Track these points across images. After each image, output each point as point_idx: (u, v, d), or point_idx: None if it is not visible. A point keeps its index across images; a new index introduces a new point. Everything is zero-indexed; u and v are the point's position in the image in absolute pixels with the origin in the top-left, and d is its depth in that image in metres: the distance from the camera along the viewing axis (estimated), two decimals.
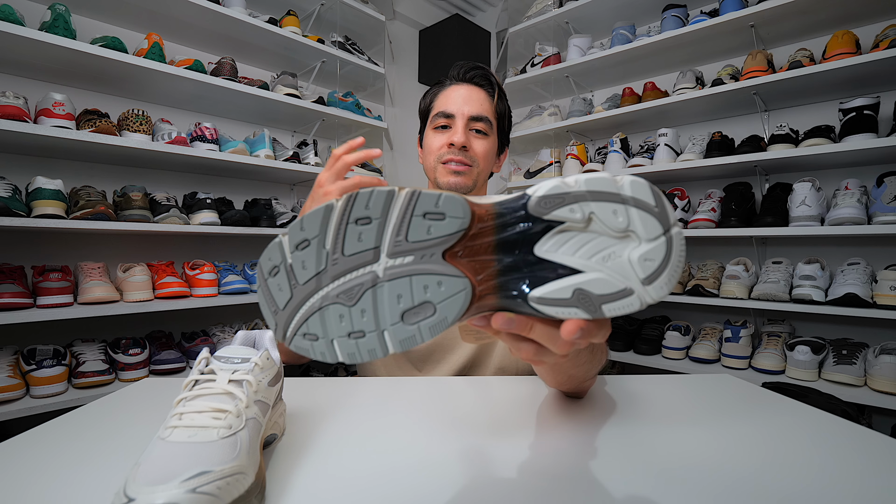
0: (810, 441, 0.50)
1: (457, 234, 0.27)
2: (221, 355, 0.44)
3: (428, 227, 0.27)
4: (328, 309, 0.28)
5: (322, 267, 0.28)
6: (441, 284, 0.27)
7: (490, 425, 0.54)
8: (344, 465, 0.44)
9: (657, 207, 0.26)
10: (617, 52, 1.93)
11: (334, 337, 0.28)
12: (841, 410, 1.24)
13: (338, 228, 0.27)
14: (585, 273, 0.27)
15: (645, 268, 0.26)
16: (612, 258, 0.27)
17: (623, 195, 0.26)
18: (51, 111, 1.31)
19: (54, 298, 1.31)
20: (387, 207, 0.27)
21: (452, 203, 0.27)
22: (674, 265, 0.26)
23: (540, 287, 0.27)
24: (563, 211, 0.27)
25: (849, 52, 1.45)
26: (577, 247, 0.27)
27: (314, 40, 1.95)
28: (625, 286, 0.26)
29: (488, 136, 0.81)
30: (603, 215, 0.26)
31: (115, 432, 0.51)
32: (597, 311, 0.26)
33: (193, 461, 0.32)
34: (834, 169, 1.66)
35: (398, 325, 0.27)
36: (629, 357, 1.84)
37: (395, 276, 0.27)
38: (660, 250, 0.26)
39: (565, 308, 0.27)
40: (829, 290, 1.47)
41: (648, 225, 0.26)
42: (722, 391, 0.68)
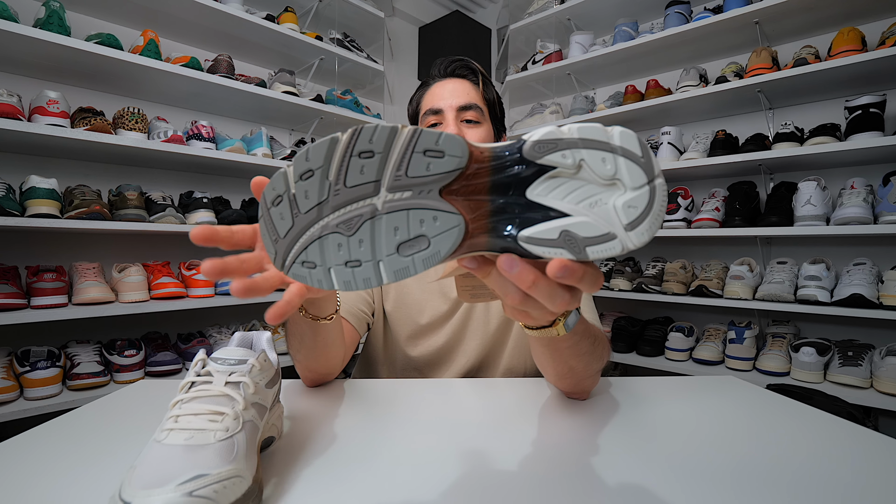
0: (816, 444, 0.50)
1: (454, 173, 0.29)
2: (218, 357, 0.44)
3: (427, 163, 0.28)
4: (327, 238, 0.29)
5: (324, 197, 0.29)
6: (436, 219, 0.29)
7: (492, 428, 0.54)
8: (343, 469, 0.44)
9: (643, 158, 0.28)
10: (619, 49, 1.93)
11: (332, 265, 0.29)
12: (847, 413, 1.24)
13: (341, 160, 0.29)
14: (573, 217, 0.28)
15: (628, 214, 0.28)
16: (598, 204, 0.28)
17: (612, 144, 0.28)
18: (45, 109, 1.31)
19: (48, 299, 1.31)
20: (389, 142, 0.28)
21: (452, 142, 0.28)
22: (655, 213, 0.28)
23: (529, 227, 0.29)
24: (555, 156, 0.28)
25: (855, 49, 1.45)
26: (567, 192, 0.29)
27: (312, 37, 1.95)
28: (608, 230, 0.28)
29: (481, 123, 0.81)
30: (592, 162, 0.28)
31: (111, 435, 0.51)
32: (581, 253, 0.28)
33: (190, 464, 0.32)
34: (840, 168, 1.66)
35: (394, 255, 0.29)
36: (632, 358, 1.84)
37: (394, 209, 0.29)
38: (643, 198, 0.28)
39: (552, 248, 0.28)
40: (835, 290, 1.47)
41: (634, 174, 0.28)
42: (726, 393, 0.68)
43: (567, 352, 0.51)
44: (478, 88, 0.83)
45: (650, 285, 1.86)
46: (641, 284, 1.87)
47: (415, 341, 0.82)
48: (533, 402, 0.62)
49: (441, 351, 0.81)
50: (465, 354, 0.80)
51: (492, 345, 0.81)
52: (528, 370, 0.81)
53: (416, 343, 0.82)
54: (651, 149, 0.29)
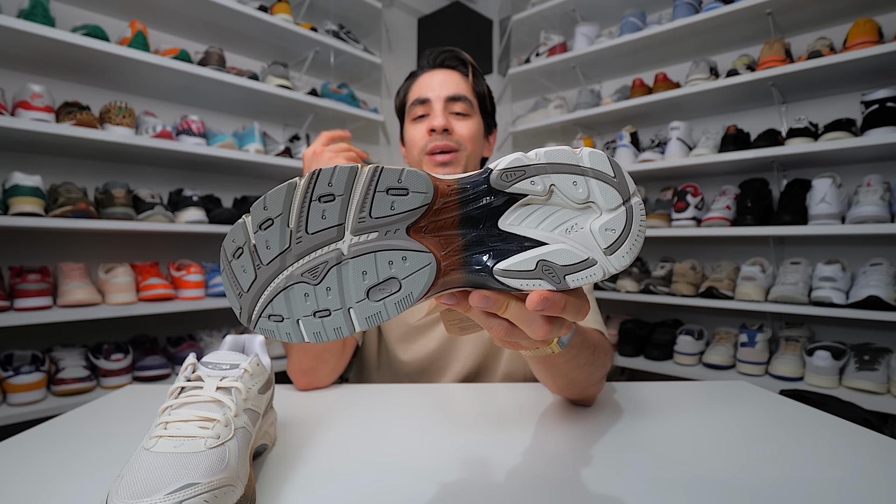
0: (831, 452, 0.50)
1: (420, 210, 0.29)
2: (209, 361, 0.44)
3: (391, 202, 0.28)
4: (293, 288, 0.29)
5: (286, 246, 0.29)
6: (406, 260, 0.28)
7: (491, 434, 0.54)
8: (338, 477, 0.44)
9: (616, 178, 0.28)
10: (626, 40, 1.93)
11: (300, 317, 0.29)
12: (863, 419, 1.24)
13: (301, 206, 0.28)
14: (549, 245, 0.28)
15: (606, 238, 0.28)
16: (574, 229, 0.28)
17: (582, 166, 0.28)
18: (29, 103, 1.31)
19: (32, 301, 1.30)
20: (350, 184, 0.28)
21: (415, 178, 0.28)
22: (634, 234, 0.28)
23: (504, 260, 0.29)
24: (524, 184, 0.28)
25: (871, 40, 1.45)
26: (540, 219, 0.29)
27: (307, 28, 1.95)
28: (587, 256, 0.28)
29: (470, 116, 0.81)
30: (563, 187, 0.28)
31: (97, 442, 0.51)
32: (561, 282, 0.28)
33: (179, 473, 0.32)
34: (855, 164, 1.66)
35: (364, 301, 0.29)
36: (639, 363, 1.84)
37: (360, 252, 0.29)
38: (620, 220, 0.28)
39: (530, 280, 0.28)
40: (851, 292, 1.47)
41: (608, 195, 0.28)
42: (737, 399, 0.68)
43: (565, 366, 0.51)
44: (468, 80, 0.83)
45: (658, 286, 1.86)
46: (649, 286, 1.87)
47: (406, 344, 0.82)
48: (533, 408, 0.62)
49: (434, 356, 0.80)
50: (459, 360, 0.80)
51: (488, 350, 0.80)
52: (527, 376, 0.81)
53: (408, 346, 0.81)
54: (621, 166, 0.30)
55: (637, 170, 1.92)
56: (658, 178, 2.09)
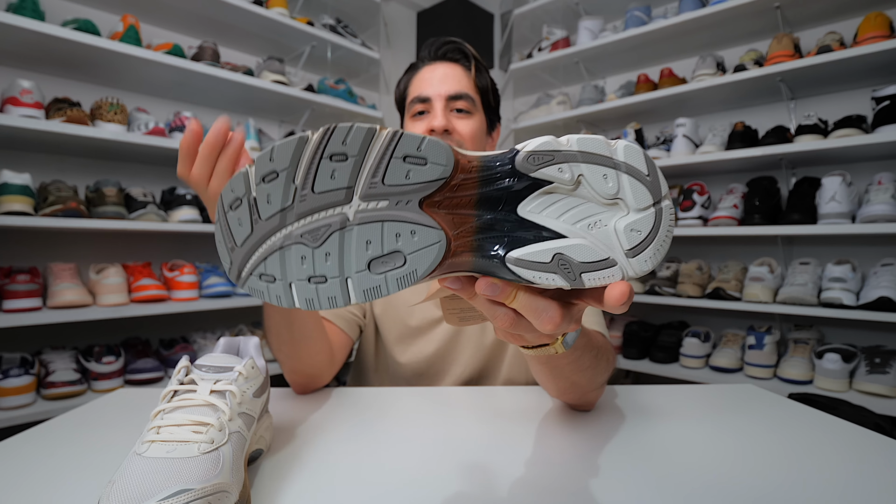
0: (841, 457, 0.50)
1: (437, 182, 0.27)
2: (202, 364, 0.44)
3: (407, 171, 0.27)
4: (290, 249, 0.28)
5: (288, 203, 0.28)
6: (414, 234, 0.27)
7: (490, 439, 0.54)
8: (334, 483, 0.44)
9: (650, 177, 0.27)
10: (631, 35, 1.93)
11: (293, 280, 0.28)
12: (874, 423, 1.24)
13: (310, 163, 0.27)
14: (568, 238, 0.27)
15: (630, 238, 0.27)
16: (597, 226, 0.27)
17: (616, 160, 0.27)
18: (18, 99, 1.31)
19: (21, 302, 1.30)
20: (365, 146, 0.27)
21: (436, 148, 0.27)
22: (661, 239, 0.27)
23: (519, 249, 0.28)
24: (551, 169, 0.27)
25: (882, 35, 1.45)
26: (563, 210, 0.28)
27: (303, 23, 1.95)
28: (607, 255, 0.27)
29: (472, 114, 0.80)
30: (592, 179, 0.27)
31: (88, 447, 0.51)
32: (576, 280, 0.27)
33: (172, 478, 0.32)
34: (866, 162, 1.66)
35: (364, 273, 0.28)
36: (644, 366, 1.84)
37: (367, 220, 0.27)
38: (647, 222, 0.27)
39: (544, 273, 0.27)
40: (861, 293, 1.47)
41: (639, 194, 0.27)
42: (744, 403, 0.68)
43: (567, 368, 0.51)
44: (470, 75, 0.82)
45: (664, 287, 1.86)
46: (654, 287, 1.87)
47: (403, 346, 0.81)
48: (535, 411, 0.62)
49: (432, 359, 0.80)
50: (458, 364, 0.79)
51: (489, 355, 0.80)
52: (529, 382, 0.80)
53: (405, 348, 0.81)
54: (658, 169, 0.28)
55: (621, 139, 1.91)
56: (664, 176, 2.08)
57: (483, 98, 0.83)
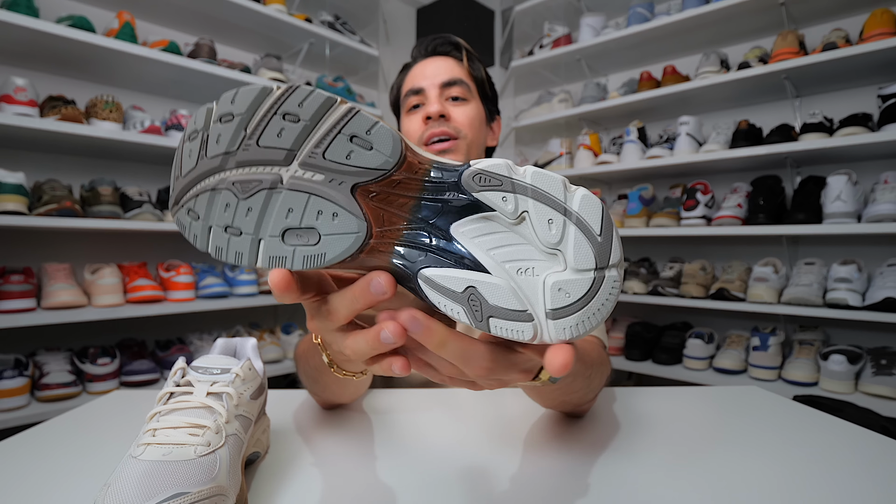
0: (846, 460, 0.50)
1: (376, 172, 0.27)
2: (199, 365, 0.44)
3: (349, 151, 0.27)
4: (220, 193, 0.28)
5: (233, 148, 0.28)
6: (336, 217, 0.27)
7: (493, 442, 0.54)
8: (333, 486, 0.44)
9: (601, 237, 0.24)
10: (634, 32, 1.93)
11: (213, 224, 0.28)
12: (880, 426, 1.24)
13: (264, 115, 0.27)
14: (490, 275, 0.25)
15: (556, 299, 0.25)
16: (527, 272, 0.25)
17: (568, 207, 0.25)
18: (11, 97, 1.31)
19: (15, 303, 1.30)
20: (319, 114, 0.27)
21: (385, 137, 0.26)
22: (591, 310, 0.24)
23: (435, 267, 0.26)
24: (495, 196, 0.26)
25: (888, 32, 1.45)
26: (496, 244, 0.26)
27: (301, 19, 1.95)
28: (526, 308, 0.25)
29: (468, 100, 0.80)
30: (537, 219, 0.25)
31: (83, 450, 0.51)
32: (482, 322, 0.25)
33: (168, 482, 0.32)
34: (872, 161, 1.66)
35: (276, 239, 0.27)
36: (647, 367, 1.84)
37: (297, 188, 0.27)
38: (581, 286, 0.24)
39: (450, 302, 0.25)
40: (867, 293, 1.47)
41: (581, 252, 0.24)
42: (749, 405, 0.68)
43: (556, 392, 0.50)
44: (463, 65, 0.82)
45: (667, 288, 1.86)
46: (657, 287, 1.87)
47: None
48: (537, 413, 0.62)
49: None
50: None
51: None
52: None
53: None
54: (616, 230, 0.25)
55: (645, 166, 1.92)
56: (667, 175, 2.09)
57: (479, 87, 0.83)
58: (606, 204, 0.27)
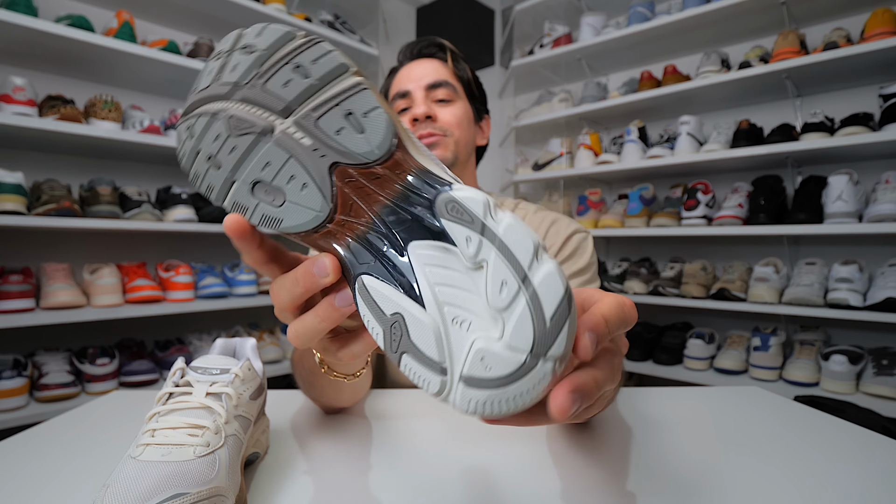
0: (847, 460, 0.50)
1: (360, 158, 0.25)
2: (198, 366, 0.44)
3: (340, 127, 0.25)
4: (216, 122, 0.28)
5: (244, 81, 0.27)
6: (304, 188, 0.26)
7: (494, 443, 0.54)
8: (332, 487, 0.44)
9: (550, 322, 0.21)
10: (634, 31, 1.93)
11: (200, 148, 0.28)
12: (881, 426, 1.24)
13: (279, 60, 0.26)
14: (424, 310, 0.23)
15: (475, 366, 0.22)
16: (462, 325, 0.23)
17: (528, 276, 0.22)
18: (10, 97, 1.31)
19: (14, 303, 1.30)
20: (328, 78, 0.26)
21: (378, 125, 0.25)
22: (507, 395, 0.21)
23: (377, 278, 0.25)
24: (460, 231, 0.23)
25: (889, 31, 1.45)
26: (445, 281, 0.23)
27: (301, 19, 1.95)
28: (441, 361, 0.22)
29: (454, 101, 0.81)
30: (493, 275, 0.22)
31: (82, 451, 0.51)
32: (395, 354, 0.23)
33: (167, 482, 0.32)
34: (873, 160, 1.66)
35: (245, 186, 0.27)
36: (647, 367, 1.84)
37: (282, 144, 0.26)
38: (505, 365, 0.21)
39: (374, 320, 0.24)
40: (868, 293, 1.47)
41: (521, 329, 0.21)
42: (750, 405, 0.68)
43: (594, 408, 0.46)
44: (448, 65, 0.83)
45: (667, 288, 1.85)
46: (658, 287, 1.87)
47: None
48: None
49: None
50: None
51: None
52: None
53: None
54: (574, 318, 0.22)
55: (645, 166, 1.92)
56: (667, 174, 2.09)
57: (465, 87, 0.84)
58: (573, 297, 0.23)
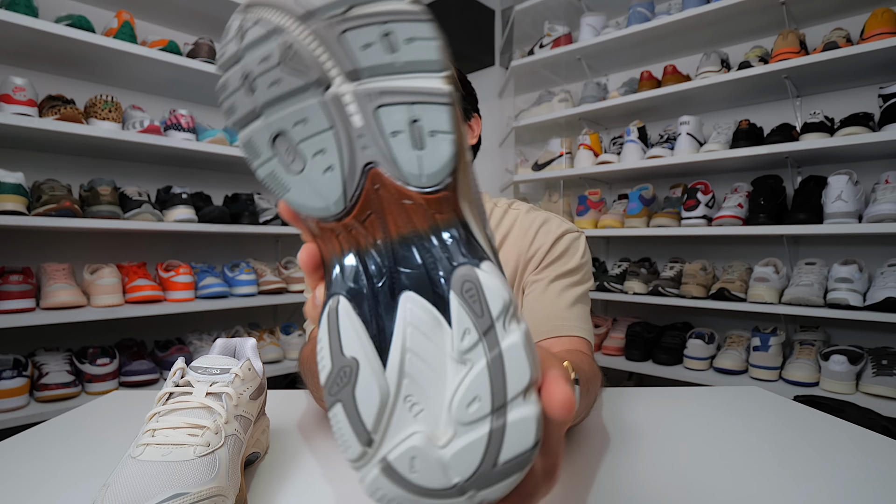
0: (847, 460, 0.50)
1: (404, 176, 0.21)
2: (198, 366, 0.44)
3: (398, 130, 0.21)
4: (271, 40, 0.23)
5: (323, 14, 0.22)
6: (327, 172, 0.22)
7: None
8: (332, 486, 0.44)
9: (501, 466, 0.19)
10: (634, 31, 1.93)
11: (242, 60, 0.24)
12: (881, 426, 1.24)
13: (375, 14, 0.21)
14: (383, 371, 0.21)
15: (402, 461, 0.20)
16: (412, 409, 0.20)
17: (507, 409, 0.19)
18: (10, 97, 1.31)
19: (14, 303, 1.30)
20: (417, 67, 0.21)
21: (442, 152, 0.21)
22: None
23: (353, 307, 0.22)
24: (463, 317, 0.20)
25: (889, 31, 1.44)
26: (421, 352, 0.21)
27: None
28: (372, 432, 0.21)
29: None
30: (471, 383, 0.20)
31: (82, 451, 0.51)
32: (330, 399, 0.21)
33: (168, 482, 0.32)
34: (873, 160, 1.66)
35: (265, 132, 0.23)
36: (647, 367, 1.84)
37: (328, 109, 0.22)
38: (430, 480, 0.20)
39: (327, 351, 0.21)
40: (868, 293, 1.47)
41: (465, 459, 0.19)
42: (749, 405, 0.68)
43: None
44: None
45: (667, 288, 1.85)
46: (658, 287, 1.87)
47: None
48: None
49: None
50: None
51: None
52: None
53: None
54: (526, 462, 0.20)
55: (645, 166, 1.92)
56: (667, 174, 2.09)
57: None
58: (537, 451, 0.23)
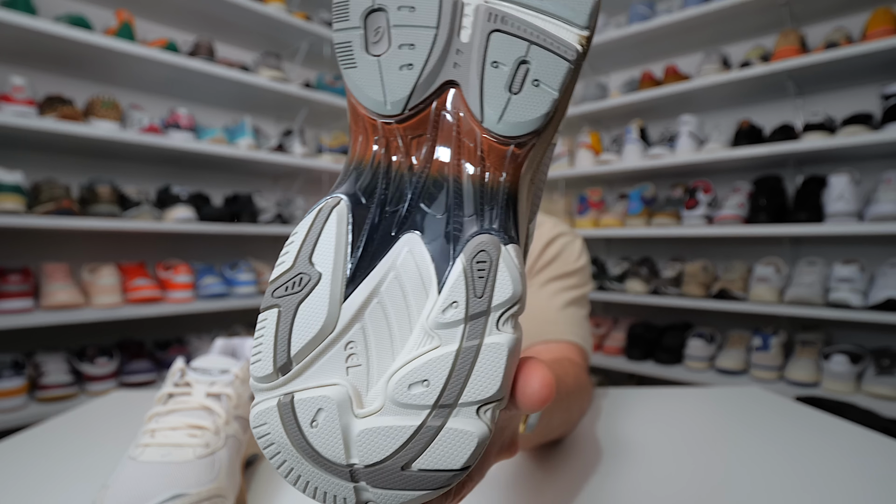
0: (848, 461, 0.50)
1: (479, 110, 0.20)
2: (198, 366, 0.44)
3: (498, 62, 0.20)
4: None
5: None
6: (404, 69, 0.21)
7: None
8: None
9: (417, 473, 0.18)
10: (635, 31, 1.93)
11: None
12: (882, 427, 1.24)
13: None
14: (339, 308, 0.19)
15: (306, 407, 0.18)
16: (348, 360, 0.19)
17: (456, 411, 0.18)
18: (10, 97, 1.31)
19: (13, 303, 1.30)
20: (559, 14, 0.20)
21: (541, 101, 0.20)
22: (301, 446, 0.18)
23: (349, 217, 0.20)
24: (458, 289, 0.19)
25: (890, 30, 1.45)
26: (390, 305, 0.20)
27: (301, 18, 1.95)
28: (290, 360, 0.19)
29: None
30: (431, 359, 0.19)
31: (81, 451, 0.51)
32: (270, 299, 0.19)
33: (167, 483, 0.32)
34: (874, 160, 1.66)
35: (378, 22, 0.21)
36: (648, 368, 1.84)
37: (444, 4, 0.21)
38: (328, 440, 0.18)
39: (292, 254, 0.20)
40: (869, 293, 1.47)
41: (383, 439, 0.18)
42: (750, 405, 0.68)
43: (534, 437, 0.44)
44: None
45: (668, 288, 1.85)
46: (658, 287, 1.87)
47: None
48: None
49: None
50: None
51: None
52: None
53: None
54: None
55: (646, 166, 1.92)
56: (668, 174, 2.09)
57: None
58: (465, 473, 0.18)
